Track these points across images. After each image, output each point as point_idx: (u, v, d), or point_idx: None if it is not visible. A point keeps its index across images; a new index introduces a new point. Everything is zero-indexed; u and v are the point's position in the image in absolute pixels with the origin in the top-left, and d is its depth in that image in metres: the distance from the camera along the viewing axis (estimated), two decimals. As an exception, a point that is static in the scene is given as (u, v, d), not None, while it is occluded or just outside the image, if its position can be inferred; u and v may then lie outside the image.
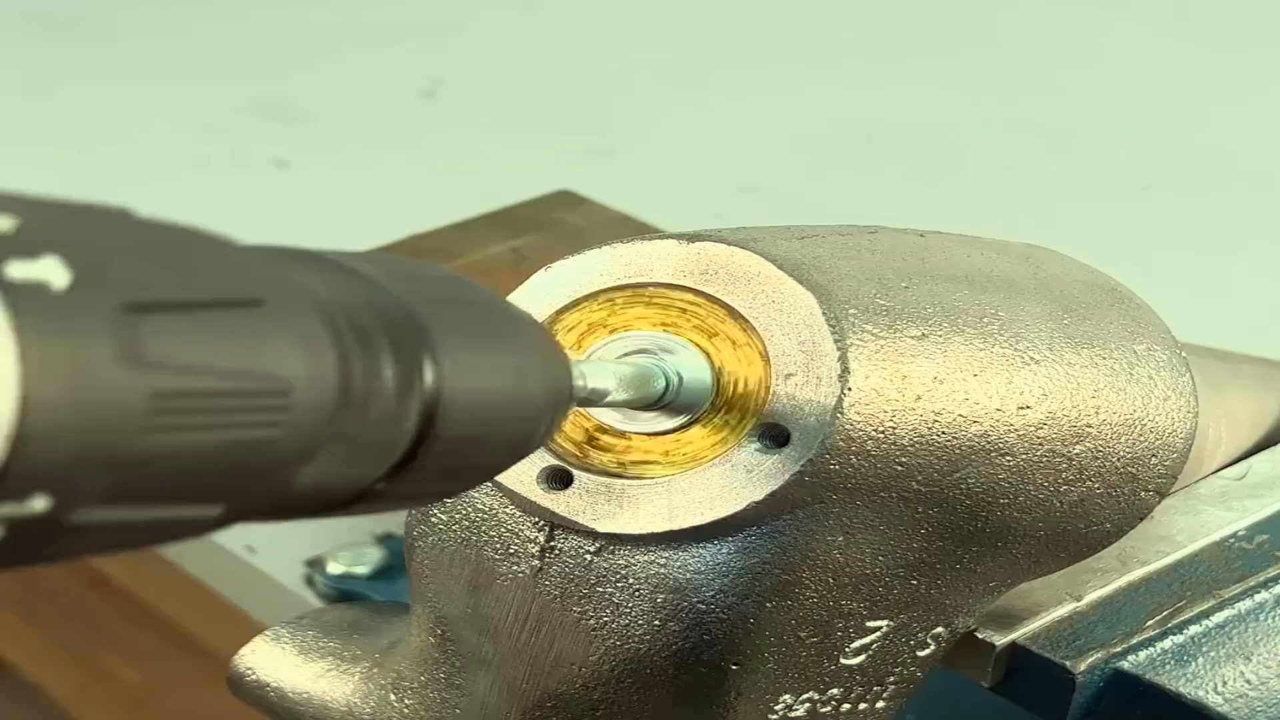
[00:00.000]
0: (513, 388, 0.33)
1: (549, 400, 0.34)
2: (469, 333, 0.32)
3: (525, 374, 0.34)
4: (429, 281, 0.33)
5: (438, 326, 0.31)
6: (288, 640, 0.51)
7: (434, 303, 0.32)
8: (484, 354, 0.33)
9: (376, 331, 0.30)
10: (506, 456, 0.34)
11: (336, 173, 1.17)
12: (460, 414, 0.31)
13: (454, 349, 0.31)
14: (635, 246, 0.44)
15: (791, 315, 0.42)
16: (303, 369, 0.28)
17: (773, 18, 1.42)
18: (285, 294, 0.28)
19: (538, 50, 1.37)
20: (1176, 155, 1.19)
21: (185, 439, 0.26)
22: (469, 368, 0.32)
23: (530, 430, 0.34)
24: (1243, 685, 0.50)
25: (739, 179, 1.16)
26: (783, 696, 0.44)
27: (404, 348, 0.30)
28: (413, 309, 0.31)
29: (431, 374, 0.31)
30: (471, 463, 0.33)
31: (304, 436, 0.28)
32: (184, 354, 0.26)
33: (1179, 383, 0.48)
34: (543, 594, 0.44)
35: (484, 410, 0.32)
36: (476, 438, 0.32)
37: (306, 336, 0.28)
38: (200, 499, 0.27)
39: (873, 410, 0.41)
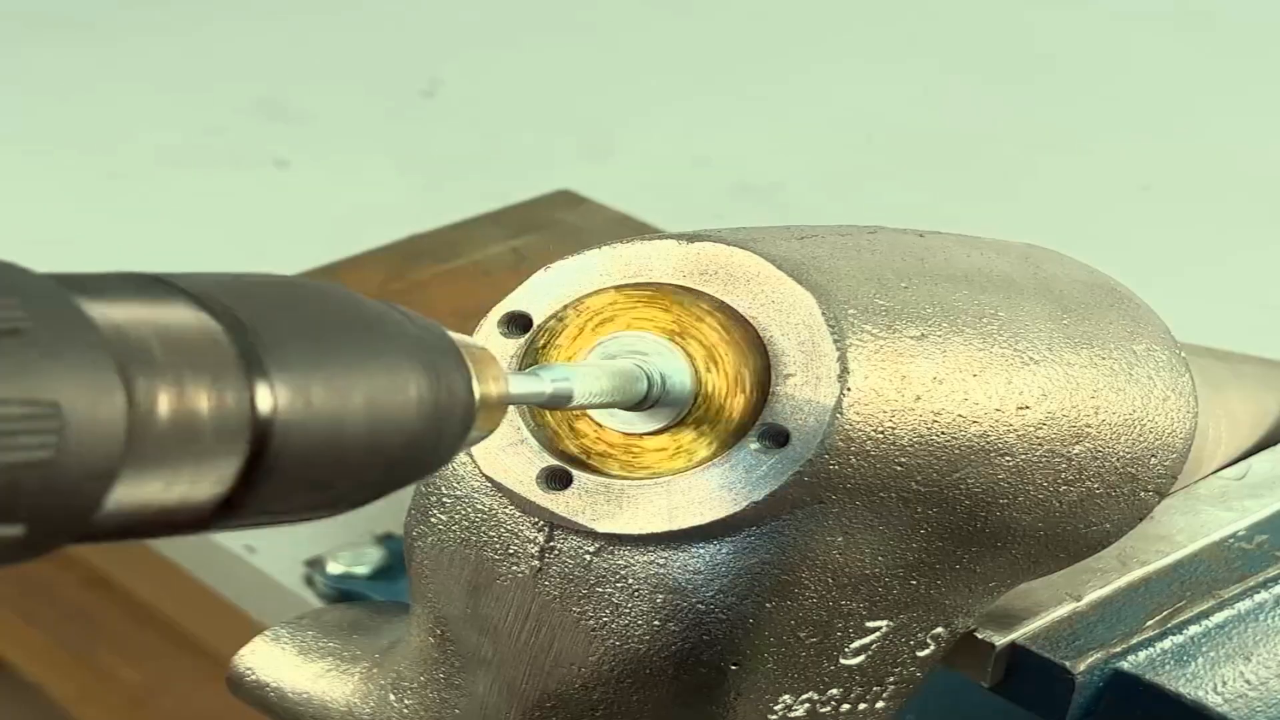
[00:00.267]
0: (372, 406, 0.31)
1: (429, 416, 0.33)
2: (313, 347, 0.31)
3: (389, 390, 0.32)
4: (269, 292, 0.31)
5: (271, 343, 0.30)
6: (288, 640, 0.51)
7: (272, 316, 0.30)
8: (332, 370, 0.31)
9: (184, 353, 0.29)
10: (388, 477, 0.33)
11: (336, 173, 1.17)
12: (301, 438, 0.30)
13: (290, 366, 0.30)
14: (635, 246, 0.44)
15: (791, 315, 0.42)
16: (71, 390, 0.27)
17: (773, 18, 1.42)
18: (54, 322, 0.27)
19: (538, 50, 1.37)
20: (1176, 155, 1.19)
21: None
22: (310, 389, 0.30)
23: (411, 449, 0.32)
24: (1242, 685, 0.50)
25: (739, 179, 1.16)
26: (782, 696, 0.44)
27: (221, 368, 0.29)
28: (240, 324, 0.30)
29: (264, 396, 0.29)
30: (338, 486, 0.32)
31: (88, 457, 0.27)
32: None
33: (1178, 383, 0.48)
34: (542, 594, 0.44)
35: (333, 434, 0.30)
36: (332, 459, 0.31)
37: (76, 358, 0.27)
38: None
39: (872, 410, 0.41)
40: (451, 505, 0.45)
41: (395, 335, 0.33)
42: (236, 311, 0.30)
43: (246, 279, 0.31)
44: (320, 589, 0.74)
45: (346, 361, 0.31)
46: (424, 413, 0.32)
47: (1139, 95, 1.29)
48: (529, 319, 0.45)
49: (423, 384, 0.32)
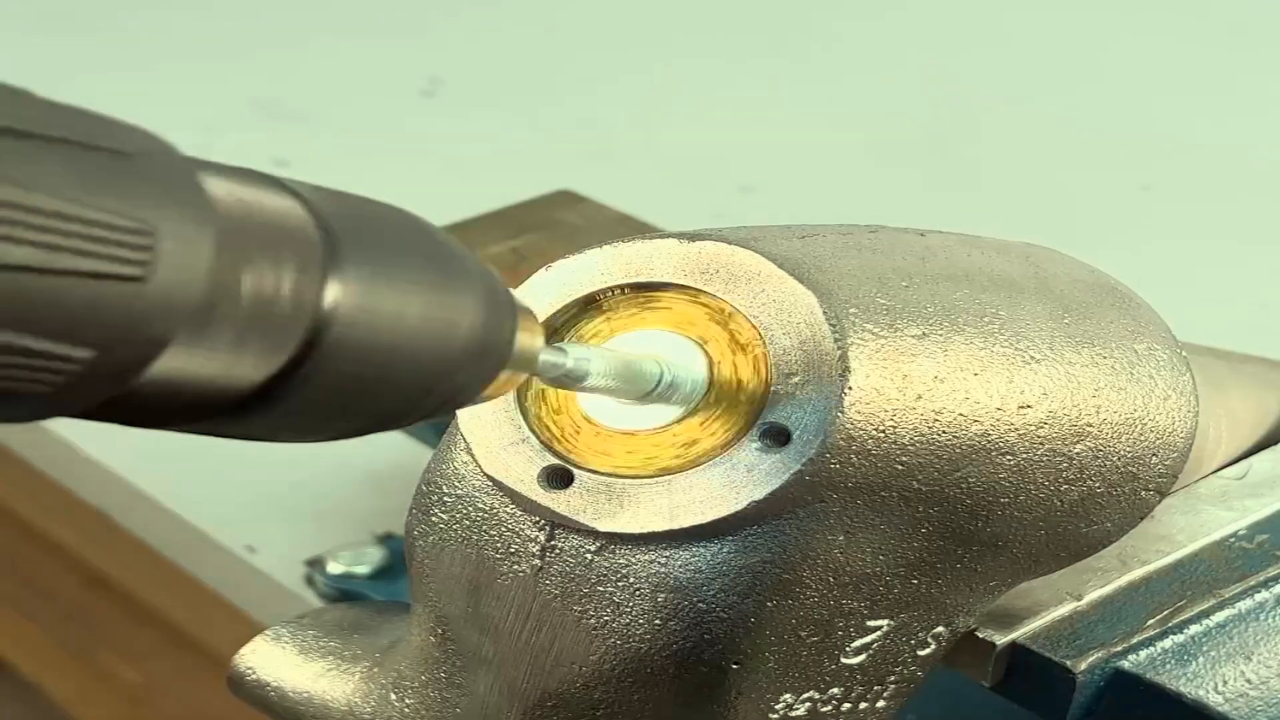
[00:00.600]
0: (423, 326, 0.32)
1: (471, 351, 0.33)
2: (386, 259, 0.31)
3: (444, 316, 0.32)
4: (365, 208, 0.32)
5: (351, 245, 0.30)
6: (288, 640, 0.51)
7: (357, 223, 0.31)
8: (397, 284, 0.31)
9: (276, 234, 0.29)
10: (412, 403, 0.33)
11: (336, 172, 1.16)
12: (353, 339, 0.30)
13: (361, 271, 0.30)
14: (635, 246, 0.44)
15: (792, 314, 0.42)
16: (170, 223, 0.27)
17: (773, 18, 1.42)
18: (168, 162, 0.28)
19: (538, 50, 1.37)
20: (1176, 155, 1.19)
21: (39, 256, 0.25)
22: (373, 293, 0.31)
23: (440, 378, 0.33)
24: (1243, 685, 0.50)
25: (739, 179, 1.16)
26: (783, 696, 0.44)
27: (304, 256, 0.29)
28: (328, 222, 0.30)
29: (332, 291, 0.30)
30: (366, 401, 0.32)
31: (169, 291, 0.27)
32: (39, 177, 0.25)
33: (1179, 382, 0.48)
34: (543, 593, 0.44)
35: (383, 342, 0.31)
36: (371, 370, 0.31)
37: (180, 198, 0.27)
38: (63, 335, 0.26)
39: (873, 409, 0.41)
40: (452, 504, 0.45)
41: (463, 266, 0.33)
42: (329, 215, 0.30)
43: (346, 194, 0.32)
44: (320, 589, 0.74)
45: (414, 278, 0.32)
46: (470, 345, 0.33)
47: (1139, 95, 1.29)
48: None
49: (477, 317, 0.33)
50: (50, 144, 0.26)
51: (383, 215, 0.32)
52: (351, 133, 1.23)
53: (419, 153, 1.19)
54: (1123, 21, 1.41)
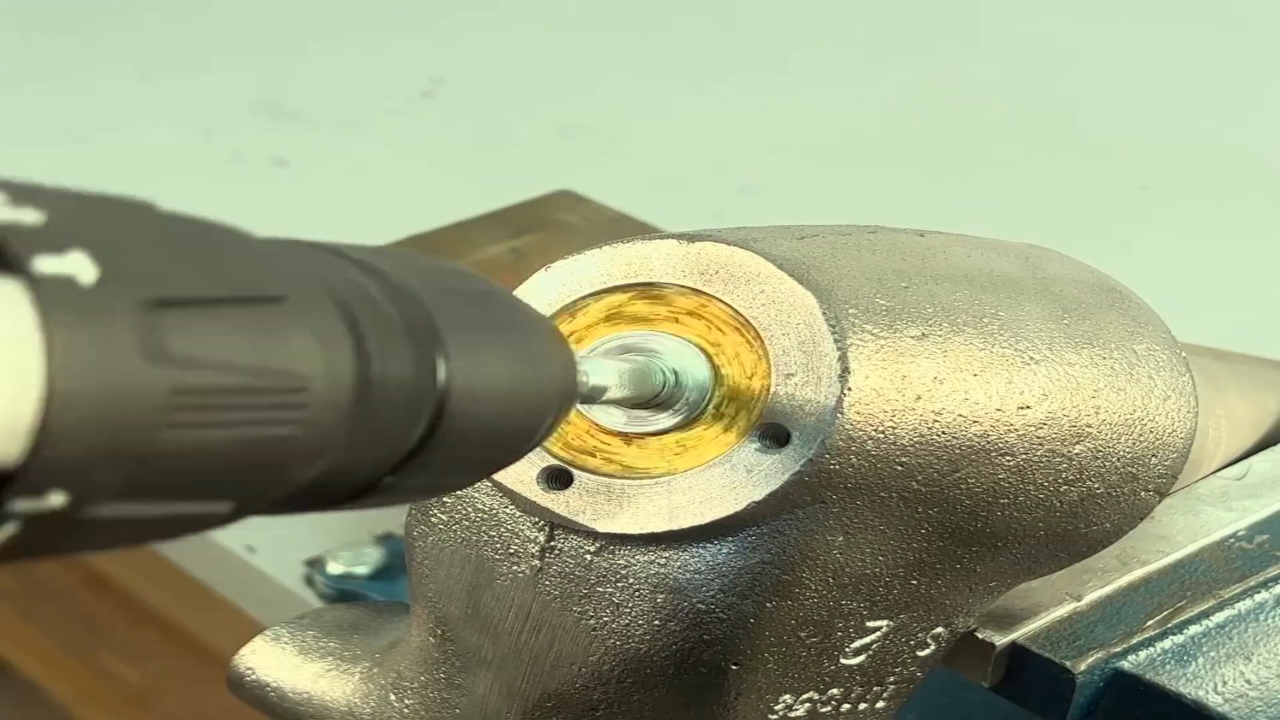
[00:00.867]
0: (520, 382, 0.33)
1: (556, 395, 0.34)
2: (477, 326, 0.32)
3: (533, 368, 0.33)
4: (436, 274, 0.33)
5: (447, 319, 0.31)
6: (288, 640, 0.51)
7: (442, 295, 0.32)
8: (492, 348, 0.32)
9: (391, 325, 0.30)
10: (511, 452, 0.34)
11: (336, 172, 1.17)
12: (469, 408, 0.31)
13: (463, 343, 0.31)
14: (635, 246, 0.44)
15: (791, 315, 0.42)
16: (320, 367, 0.27)
17: (773, 18, 1.42)
18: (305, 290, 0.28)
19: (538, 50, 1.37)
20: (1176, 155, 1.19)
21: (203, 435, 0.26)
22: (478, 362, 0.32)
23: (536, 425, 0.34)
24: (1243, 685, 0.50)
25: (739, 179, 1.16)
26: (783, 696, 0.44)
27: (417, 342, 0.30)
28: (423, 302, 0.31)
29: (443, 369, 0.31)
30: (476, 457, 0.33)
31: (320, 434, 0.28)
32: (205, 350, 0.26)
33: (1179, 382, 0.48)
34: (543, 594, 0.44)
35: (492, 405, 0.32)
36: (483, 432, 0.32)
37: (325, 334, 0.28)
38: (213, 495, 0.27)
39: (873, 410, 0.41)
40: (452, 505, 0.45)
41: (534, 318, 0.34)
42: (415, 292, 0.31)
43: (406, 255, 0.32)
44: (320, 589, 0.74)
45: (504, 345, 0.33)
46: (554, 397, 0.34)
47: (1139, 95, 1.29)
48: (529, 319, 0.45)
49: (558, 366, 0.34)
50: (213, 308, 0.26)
51: (455, 280, 0.33)
52: (351, 133, 1.23)
53: (419, 153, 1.19)
54: (1123, 22, 1.41)
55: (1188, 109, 1.26)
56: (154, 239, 0.26)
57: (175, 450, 0.25)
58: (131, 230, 0.26)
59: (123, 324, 0.25)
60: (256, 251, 0.28)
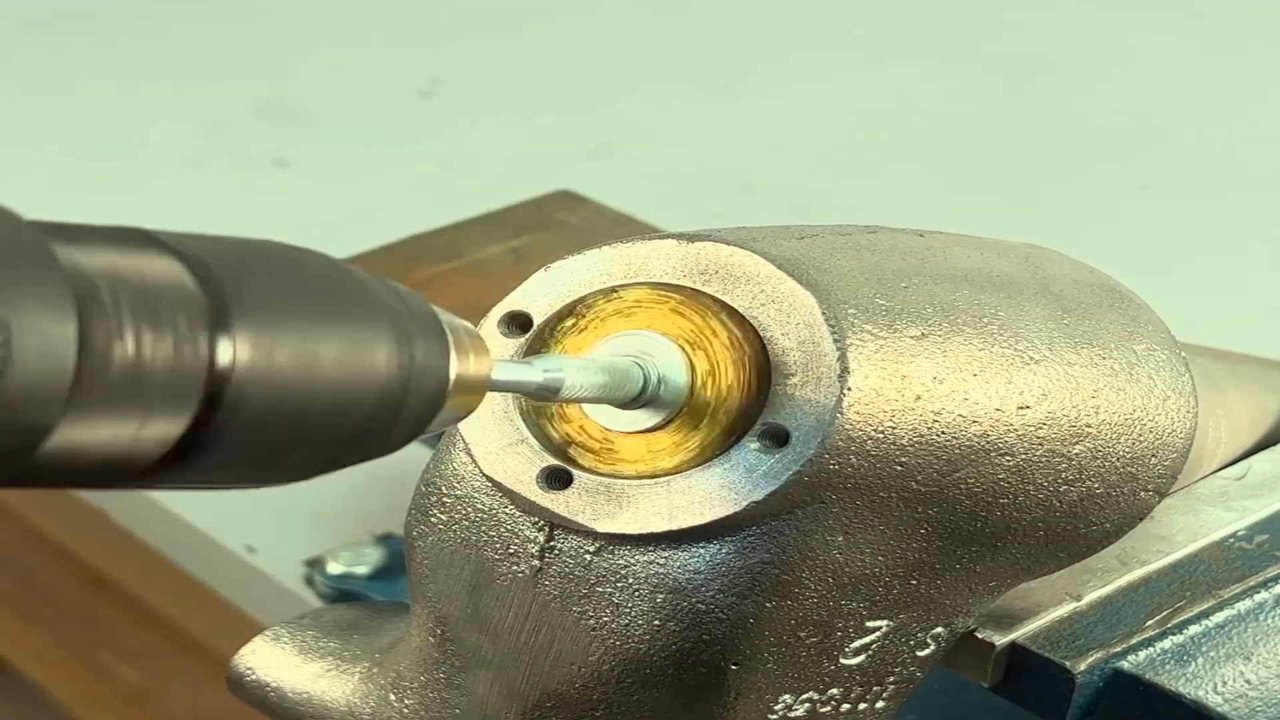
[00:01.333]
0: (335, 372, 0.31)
1: (394, 391, 0.32)
2: (285, 308, 0.30)
3: (356, 358, 0.31)
4: (250, 252, 0.31)
5: (242, 300, 0.29)
6: (287, 640, 0.51)
7: (248, 275, 0.30)
8: (301, 333, 0.30)
9: (153, 300, 0.28)
10: (349, 447, 0.32)
11: (336, 173, 1.17)
12: (258, 396, 0.29)
13: (258, 324, 0.29)
14: (635, 246, 0.44)
15: (791, 315, 0.42)
16: (23, 313, 0.26)
17: (773, 18, 1.42)
18: (17, 249, 0.27)
19: (538, 50, 1.37)
20: (1176, 155, 1.19)
21: None
22: (275, 345, 0.30)
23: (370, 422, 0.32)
24: (1242, 685, 0.50)
25: (739, 179, 1.16)
26: (782, 696, 0.44)
27: (187, 319, 0.29)
28: (214, 279, 0.29)
29: (225, 350, 0.29)
30: (292, 449, 0.31)
31: (32, 382, 0.27)
32: None
33: (1179, 382, 0.48)
34: (542, 594, 0.44)
35: (294, 393, 0.30)
36: (287, 421, 0.30)
37: (34, 285, 0.27)
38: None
39: (872, 410, 0.41)
40: (452, 505, 0.45)
41: (370, 303, 0.32)
42: (212, 266, 0.29)
43: (226, 239, 0.31)
44: (320, 589, 0.74)
45: (314, 323, 0.31)
46: (390, 384, 0.32)
47: (1139, 95, 1.29)
48: (529, 319, 0.45)
49: (392, 354, 0.32)
50: None
51: (271, 258, 0.31)
52: (351, 133, 1.23)
53: (419, 153, 1.19)
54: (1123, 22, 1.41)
55: (1188, 109, 1.26)
56: None
57: None
58: None
59: None
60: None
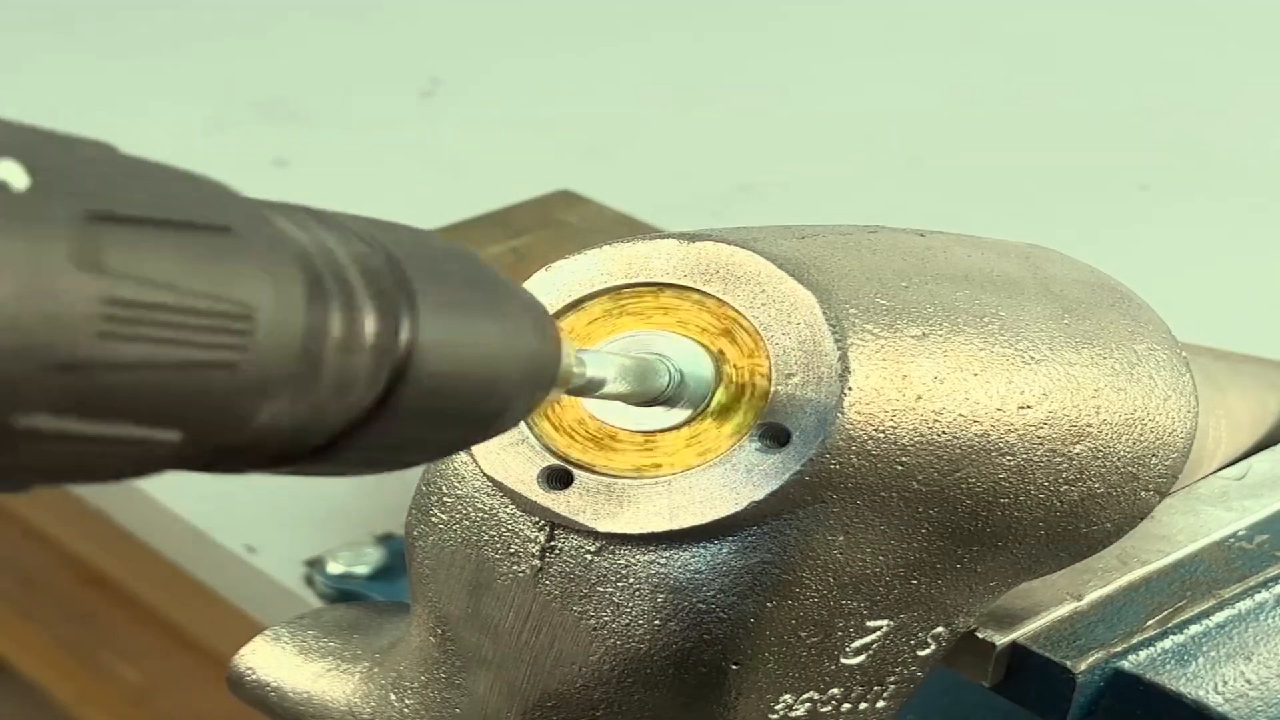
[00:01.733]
0: (491, 357, 0.32)
1: (529, 376, 0.34)
2: (452, 294, 0.32)
3: (507, 345, 0.33)
4: (417, 239, 0.32)
5: (421, 283, 0.31)
6: (288, 640, 0.51)
7: (420, 259, 0.31)
8: (465, 317, 0.32)
9: (355, 279, 0.29)
10: (476, 429, 0.34)
11: (336, 173, 1.17)
12: (432, 375, 0.31)
13: (434, 307, 0.31)
14: (635, 246, 0.44)
15: (792, 315, 0.42)
16: (268, 299, 0.27)
17: (773, 18, 1.42)
18: (257, 228, 0.28)
19: (538, 50, 1.37)
20: (1176, 155, 1.19)
21: (138, 351, 0.25)
22: (447, 329, 0.31)
23: (504, 404, 0.33)
24: (1243, 685, 0.50)
25: (739, 179, 1.16)
26: (783, 696, 0.44)
27: (382, 299, 0.30)
28: (397, 262, 0.31)
29: (407, 329, 0.30)
30: (437, 432, 0.33)
31: (265, 367, 0.27)
32: (144, 267, 0.25)
33: (1179, 382, 0.48)
34: (543, 594, 0.44)
35: (457, 375, 0.32)
36: (446, 402, 0.32)
37: (274, 268, 0.28)
38: (156, 420, 0.26)
39: (873, 410, 0.41)
40: (452, 505, 0.45)
41: (517, 294, 0.34)
42: (391, 250, 0.31)
43: (390, 224, 0.32)
44: (320, 589, 0.74)
45: (480, 310, 0.32)
46: (530, 369, 0.34)
47: (1139, 95, 1.29)
48: (529, 318, 0.45)
49: (534, 343, 0.34)
50: (157, 229, 0.26)
51: (439, 248, 0.33)
52: (351, 133, 1.23)
53: (419, 153, 1.19)
54: (1122, 21, 1.41)
55: (1188, 109, 1.26)
56: (101, 163, 0.26)
57: (109, 362, 0.25)
58: (79, 154, 0.26)
59: (56, 232, 0.24)
60: (212, 190, 0.28)
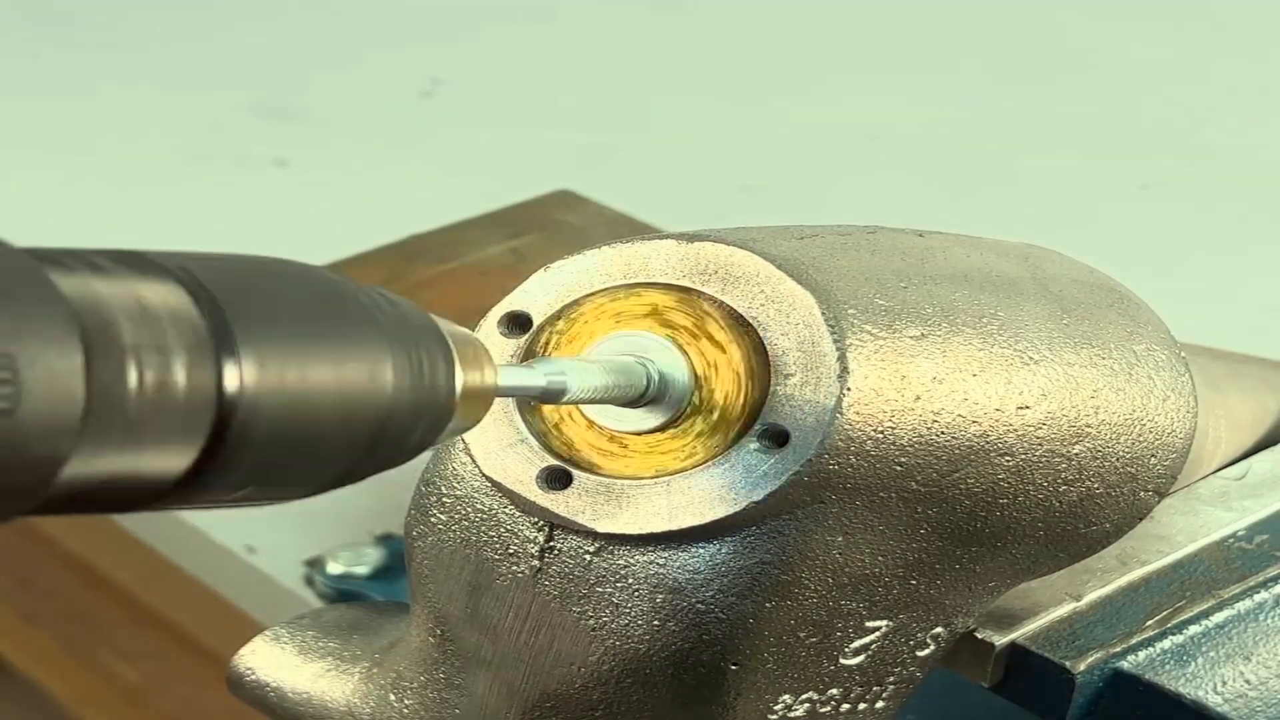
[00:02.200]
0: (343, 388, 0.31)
1: (404, 402, 0.32)
2: (287, 329, 0.30)
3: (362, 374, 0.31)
4: (248, 272, 0.31)
5: (245, 322, 0.29)
6: (287, 640, 0.51)
7: (246, 296, 0.30)
8: (305, 351, 0.30)
9: (163, 329, 0.28)
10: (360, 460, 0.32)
11: (336, 173, 1.17)
12: (270, 414, 0.30)
13: (261, 346, 0.29)
14: (634, 246, 0.44)
15: (791, 315, 0.42)
16: (32, 349, 0.26)
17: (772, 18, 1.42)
18: (18, 284, 0.27)
19: (538, 50, 1.37)
20: (1176, 155, 1.19)
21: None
22: (281, 366, 0.30)
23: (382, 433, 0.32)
24: (1242, 685, 0.50)
25: (739, 179, 1.16)
26: (782, 696, 0.44)
27: (195, 346, 0.29)
28: (214, 304, 0.29)
29: (232, 373, 0.29)
30: (303, 469, 0.31)
31: (45, 421, 0.27)
32: None
33: (1178, 383, 0.48)
34: (542, 594, 0.44)
35: (304, 411, 0.30)
36: (300, 438, 0.30)
37: (38, 318, 0.27)
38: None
39: (872, 410, 0.41)
40: (452, 505, 0.45)
41: (371, 319, 0.32)
42: (212, 289, 0.29)
43: (224, 258, 0.31)
44: (320, 589, 0.74)
45: (318, 343, 0.31)
46: (397, 398, 0.32)
47: (1139, 95, 1.29)
48: (529, 319, 0.45)
49: (398, 369, 0.32)
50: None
51: (270, 275, 0.31)
52: (351, 133, 1.23)
53: (419, 153, 1.19)
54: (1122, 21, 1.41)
55: (1188, 109, 1.26)
56: None
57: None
58: None
59: None
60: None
